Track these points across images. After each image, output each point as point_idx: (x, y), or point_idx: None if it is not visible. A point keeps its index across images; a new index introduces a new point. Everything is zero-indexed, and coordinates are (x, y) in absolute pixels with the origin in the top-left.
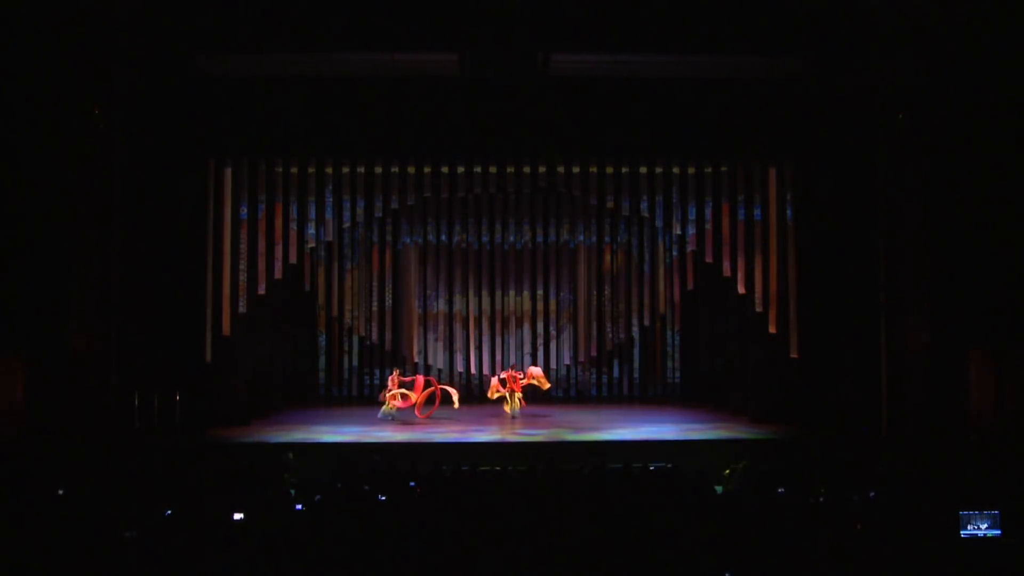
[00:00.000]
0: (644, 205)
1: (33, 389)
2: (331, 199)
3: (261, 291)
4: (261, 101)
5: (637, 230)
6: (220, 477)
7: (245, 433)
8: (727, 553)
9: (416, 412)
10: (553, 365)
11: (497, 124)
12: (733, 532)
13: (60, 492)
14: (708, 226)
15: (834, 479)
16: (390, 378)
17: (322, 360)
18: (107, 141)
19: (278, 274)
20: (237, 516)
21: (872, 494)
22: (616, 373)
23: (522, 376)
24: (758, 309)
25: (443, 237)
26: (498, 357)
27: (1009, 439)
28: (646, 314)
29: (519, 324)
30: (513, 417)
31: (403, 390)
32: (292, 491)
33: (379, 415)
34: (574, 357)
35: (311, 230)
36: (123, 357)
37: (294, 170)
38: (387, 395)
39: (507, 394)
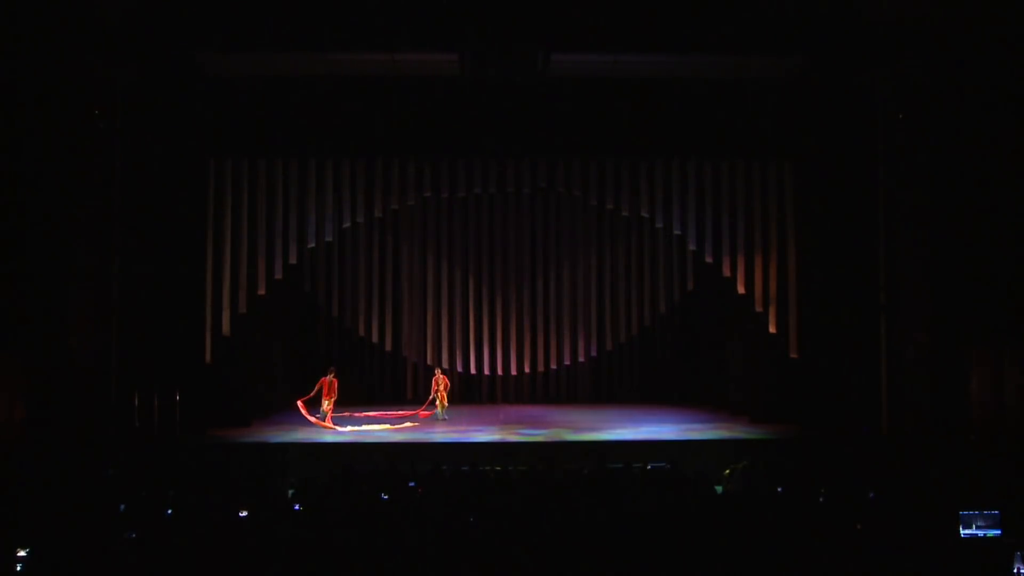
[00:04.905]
0: (644, 205)
1: (33, 390)
2: (331, 199)
3: (261, 291)
4: (261, 100)
5: (637, 230)
6: (220, 477)
7: (245, 433)
8: (727, 553)
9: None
10: (553, 365)
11: (497, 124)
12: (733, 532)
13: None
14: (708, 226)
15: (834, 479)
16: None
17: (322, 360)
18: (107, 141)
19: (278, 274)
20: (243, 514)
21: (872, 494)
22: (616, 373)
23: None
24: (758, 309)
25: (443, 237)
26: (498, 357)
27: (1009, 439)
28: (646, 314)
29: (519, 324)
30: (443, 419)
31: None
32: (291, 491)
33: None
34: (574, 357)
35: (311, 230)
36: (123, 357)
37: (294, 170)
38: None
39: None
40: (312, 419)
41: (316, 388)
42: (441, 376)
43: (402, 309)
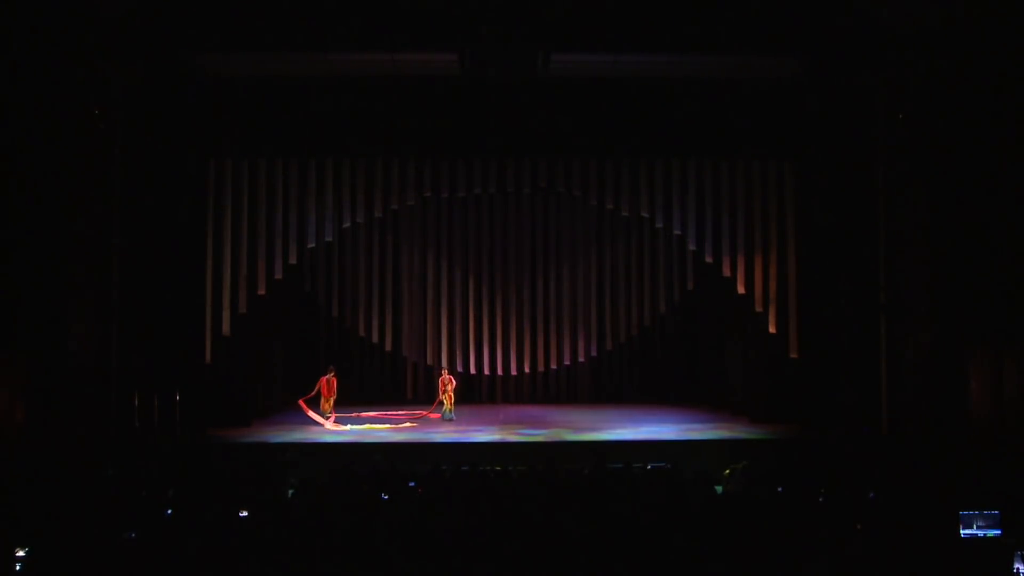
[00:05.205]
0: (644, 205)
1: (33, 390)
2: (331, 199)
3: (261, 291)
4: (261, 100)
5: (637, 230)
6: (220, 477)
7: (245, 433)
8: (727, 553)
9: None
10: (554, 365)
11: (497, 124)
12: (733, 532)
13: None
14: (708, 226)
15: (834, 479)
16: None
17: (322, 360)
18: (107, 141)
19: (278, 274)
20: (243, 514)
21: (872, 494)
22: (616, 373)
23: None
24: (758, 309)
25: (443, 237)
26: (498, 357)
27: (1009, 439)
28: (646, 314)
29: (519, 324)
30: (449, 419)
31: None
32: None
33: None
34: (574, 357)
35: (311, 230)
36: (123, 357)
37: (294, 170)
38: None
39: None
40: (316, 418)
41: (316, 388)
42: (448, 376)
43: (402, 309)
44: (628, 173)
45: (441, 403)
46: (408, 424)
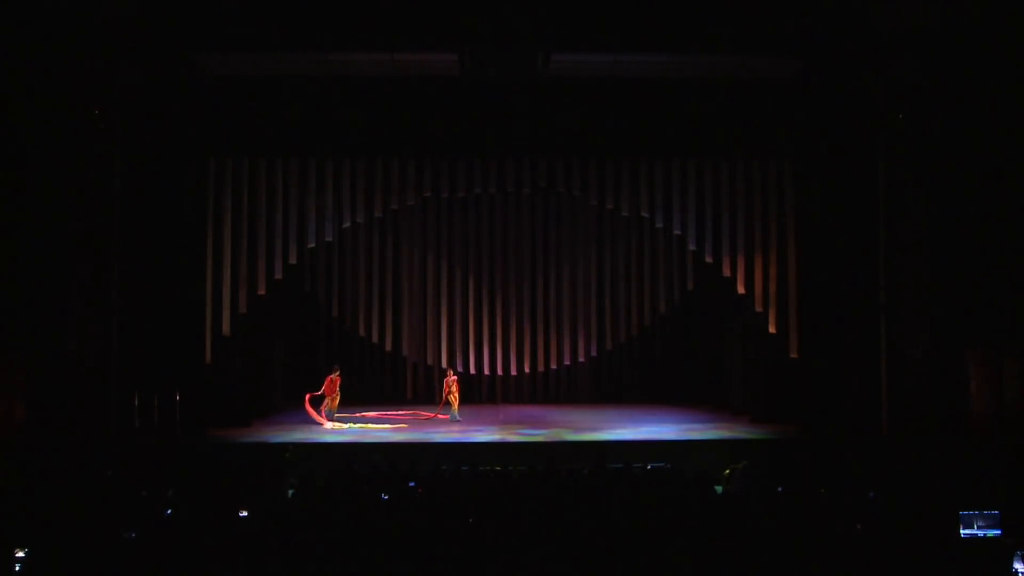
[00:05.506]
0: (644, 205)
1: (34, 390)
2: (331, 199)
3: (261, 291)
4: (261, 100)
5: (637, 230)
6: (220, 477)
7: (245, 433)
8: (727, 553)
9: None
10: (554, 365)
11: (497, 124)
12: (733, 532)
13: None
14: (708, 226)
15: (834, 479)
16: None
17: (322, 360)
18: (107, 141)
19: (278, 274)
20: (243, 514)
21: (872, 494)
22: (616, 373)
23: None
24: (758, 309)
25: (443, 237)
26: (498, 357)
27: (1009, 439)
28: (646, 314)
29: (519, 324)
30: (454, 420)
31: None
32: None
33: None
34: (574, 357)
35: (311, 230)
36: (123, 357)
37: (294, 170)
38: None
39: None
40: (318, 417)
41: (324, 386)
42: (452, 377)
43: (402, 309)
44: (628, 173)
45: (448, 404)
46: (405, 424)
